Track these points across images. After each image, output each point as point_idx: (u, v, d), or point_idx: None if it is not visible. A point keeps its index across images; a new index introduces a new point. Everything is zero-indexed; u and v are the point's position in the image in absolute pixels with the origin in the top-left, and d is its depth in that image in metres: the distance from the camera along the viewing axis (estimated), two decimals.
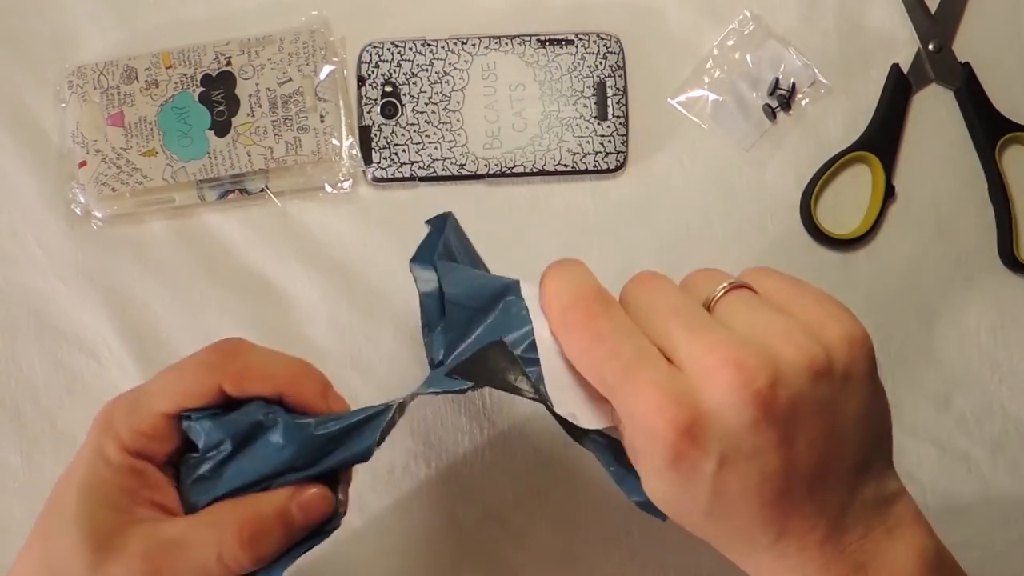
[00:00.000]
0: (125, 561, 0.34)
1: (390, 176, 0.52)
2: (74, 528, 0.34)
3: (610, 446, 0.34)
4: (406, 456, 0.52)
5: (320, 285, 0.52)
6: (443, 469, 0.52)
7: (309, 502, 0.35)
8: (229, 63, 0.51)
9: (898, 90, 0.54)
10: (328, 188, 0.52)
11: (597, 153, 0.53)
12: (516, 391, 0.33)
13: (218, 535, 0.34)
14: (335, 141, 0.51)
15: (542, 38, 0.53)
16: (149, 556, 0.34)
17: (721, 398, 0.30)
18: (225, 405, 0.36)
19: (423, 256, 0.38)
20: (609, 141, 0.53)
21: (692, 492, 0.31)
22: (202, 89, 0.51)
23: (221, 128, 0.51)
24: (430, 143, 0.52)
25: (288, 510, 0.34)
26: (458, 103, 0.52)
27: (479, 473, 0.52)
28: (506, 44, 0.53)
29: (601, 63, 0.53)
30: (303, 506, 0.35)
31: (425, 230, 0.39)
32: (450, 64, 0.53)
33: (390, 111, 0.52)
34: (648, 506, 0.33)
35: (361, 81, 0.52)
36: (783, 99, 0.54)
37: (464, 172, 0.52)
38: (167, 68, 0.51)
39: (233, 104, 0.51)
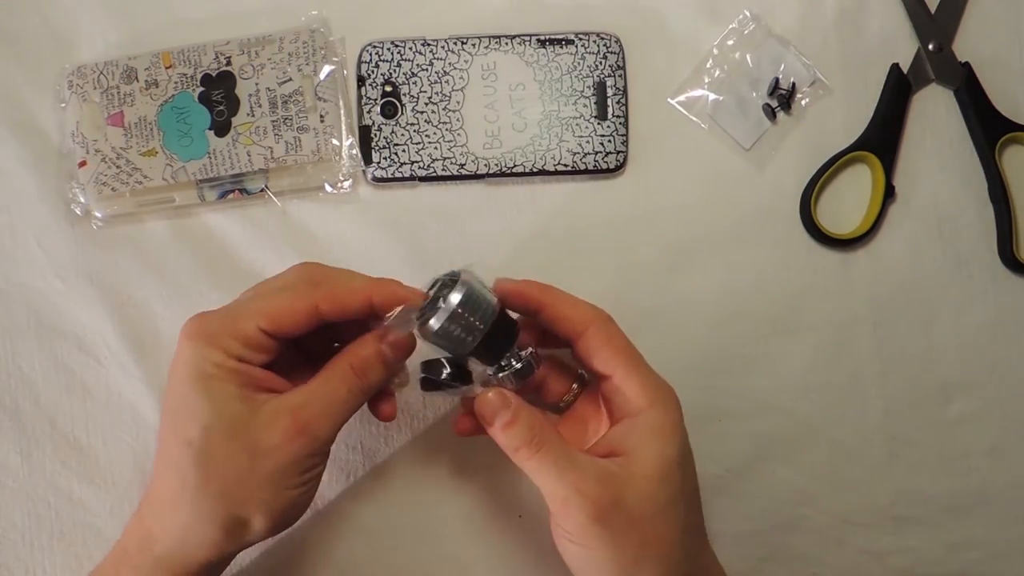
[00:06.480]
0: (273, 426, 0.39)
1: (390, 176, 0.52)
2: (205, 413, 0.39)
3: None
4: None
5: None
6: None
7: (395, 342, 0.42)
8: (229, 63, 0.51)
9: (898, 90, 0.54)
10: (328, 188, 0.52)
11: (597, 153, 0.53)
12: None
13: (338, 376, 0.41)
14: (335, 141, 0.51)
15: (542, 38, 0.53)
16: (295, 412, 0.39)
17: None
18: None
19: None
20: (609, 141, 0.53)
21: None
22: (202, 89, 0.51)
23: (221, 128, 0.51)
24: (430, 143, 0.52)
25: (380, 348, 0.42)
26: (458, 103, 0.52)
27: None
28: (506, 44, 0.53)
29: (601, 63, 0.53)
30: (392, 344, 0.42)
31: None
32: (450, 64, 0.52)
33: (390, 111, 0.52)
34: None
35: (361, 81, 0.52)
36: (783, 99, 0.54)
37: (464, 172, 0.52)
38: (167, 68, 0.51)
39: (233, 104, 0.51)
